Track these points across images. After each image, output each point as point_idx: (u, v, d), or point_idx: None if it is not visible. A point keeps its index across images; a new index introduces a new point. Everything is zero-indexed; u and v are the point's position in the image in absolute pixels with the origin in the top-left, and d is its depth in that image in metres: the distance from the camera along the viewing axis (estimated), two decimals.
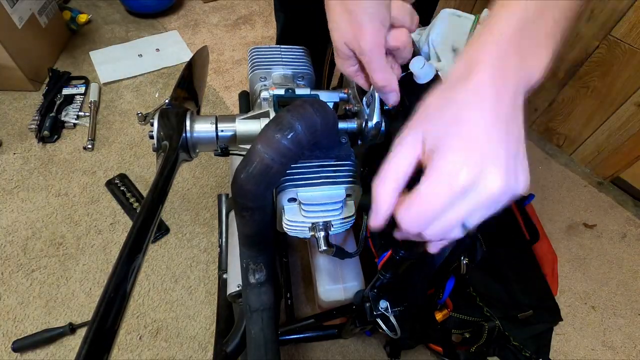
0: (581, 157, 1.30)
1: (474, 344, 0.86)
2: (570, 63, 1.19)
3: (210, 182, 1.18)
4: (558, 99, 1.27)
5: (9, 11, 1.20)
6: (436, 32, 0.49)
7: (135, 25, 1.67)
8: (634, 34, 1.02)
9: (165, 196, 0.34)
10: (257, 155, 0.29)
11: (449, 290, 0.68)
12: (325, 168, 0.39)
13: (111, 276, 0.27)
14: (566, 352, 0.95)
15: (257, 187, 0.31)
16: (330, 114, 0.33)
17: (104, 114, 1.33)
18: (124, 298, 0.26)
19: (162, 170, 0.35)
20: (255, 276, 0.44)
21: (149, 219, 0.30)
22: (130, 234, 0.29)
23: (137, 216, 0.30)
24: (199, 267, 1.01)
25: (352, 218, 0.41)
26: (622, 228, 1.16)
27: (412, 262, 0.47)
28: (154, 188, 0.33)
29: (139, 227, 0.29)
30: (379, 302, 0.56)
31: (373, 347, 0.91)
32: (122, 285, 0.26)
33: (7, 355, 0.85)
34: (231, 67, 1.54)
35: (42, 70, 1.38)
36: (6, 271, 0.97)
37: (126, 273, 0.27)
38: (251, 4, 1.83)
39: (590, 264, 1.09)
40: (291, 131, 0.28)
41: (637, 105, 1.09)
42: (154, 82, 1.45)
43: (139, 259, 0.28)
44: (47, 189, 1.13)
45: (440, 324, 0.87)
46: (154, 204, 0.32)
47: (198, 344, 0.90)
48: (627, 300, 1.03)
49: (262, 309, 0.44)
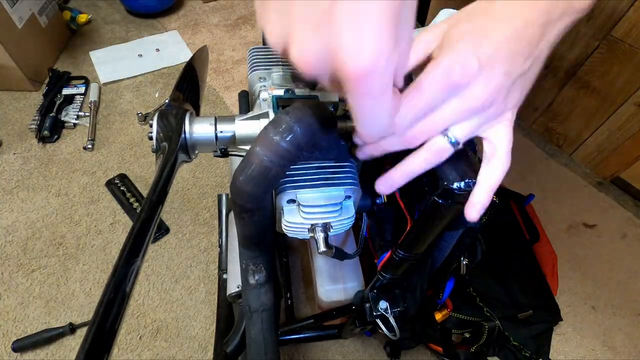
0: (581, 157, 1.30)
1: (474, 344, 0.86)
2: (570, 63, 1.18)
3: (210, 182, 1.19)
4: (558, 99, 1.27)
5: (9, 11, 1.21)
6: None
7: (135, 25, 1.67)
8: (634, 34, 1.02)
9: (164, 197, 0.34)
10: (255, 158, 0.29)
11: (448, 291, 0.68)
12: (324, 169, 0.39)
13: (111, 277, 0.27)
14: (566, 352, 0.95)
15: (256, 189, 0.31)
16: (330, 116, 0.33)
17: (104, 114, 1.33)
18: (124, 299, 0.26)
19: (161, 171, 0.35)
20: (255, 277, 0.44)
21: (148, 221, 0.30)
22: (129, 236, 0.29)
23: (137, 218, 0.30)
24: (199, 267, 1.01)
25: (352, 219, 0.41)
26: (622, 228, 1.16)
27: (411, 263, 0.47)
28: (153, 190, 0.33)
29: (139, 229, 0.29)
30: (378, 303, 0.56)
31: (373, 347, 0.91)
32: (122, 285, 0.26)
33: (7, 355, 0.85)
34: (231, 67, 1.54)
35: (42, 70, 1.39)
36: (6, 271, 0.97)
37: (126, 274, 0.27)
38: (251, 4, 1.83)
39: (590, 264, 1.09)
40: (290, 133, 0.28)
41: (637, 105, 1.09)
42: (154, 82, 1.45)
43: (139, 260, 0.28)
44: (47, 189, 1.13)
45: (440, 324, 0.87)
46: (154, 206, 0.32)
47: (198, 344, 0.90)
48: (627, 300, 1.03)
49: (261, 310, 0.44)
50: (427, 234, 0.41)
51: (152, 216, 0.31)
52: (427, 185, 0.36)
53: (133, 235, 0.29)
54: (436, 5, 1.51)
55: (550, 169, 1.30)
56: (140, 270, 0.29)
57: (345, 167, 0.39)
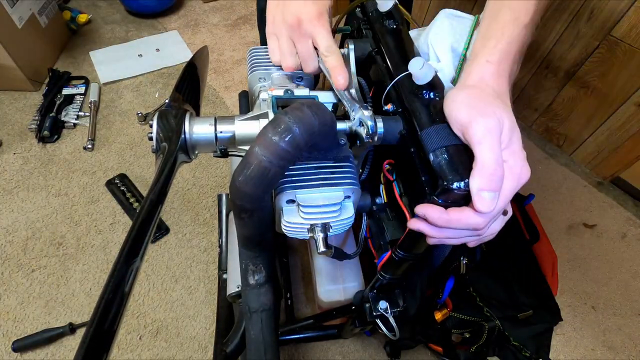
0: (581, 157, 1.30)
1: (474, 344, 0.86)
2: (570, 63, 1.18)
3: (210, 182, 1.19)
4: (558, 99, 1.27)
5: (9, 11, 1.21)
6: (435, 32, 0.49)
7: (135, 25, 1.67)
8: (634, 34, 1.02)
9: (164, 197, 0.34)
10: (254, 158, 0.29)
11: (448, 290, 0.68)
12: (324, 169, 0.39)
13: (110, 277, 0.27)
14: (566, 352, 0.95)
15: (255, 189, 0.31)
16: (328, 116, 0.33)
17: (104, 114, 1.33)
18: (123, 299, 0.26)
19: (161, 171, 0.35)
20: (255, 277, 0.44)
21: (147, 221, 0.30)
22: (128, 236, 0.29)
23: (136, 218, 0.30)
24: (199, 267, 1.01)
25: (351, 219, 0.41)
26: (622, 228, 1.16)
27: (411, 263, 0.47)
28: (152, 190, 0.33)
29: (138, 229, 0.29)
30: (378, 303, 0.56)
31: (373, 347, 0.91)
32: (121, 286, 0.26)
33: (7, 355, 0.85)
34: (231, 67, 1.54)
35: (42, 70, 1.39)
36: (6, 271, 0.97)
37: (125, 274, 0.27)
38: (251, 4, 1.83)
39: (590, 264, 1.09)
40: (289, 134, 0.28)
41: (637, 105, 1.08)
42: (154, 82, 1.45)
43: (138, 260, 0.28)
44: (47, 189, 1.13)
45: (440, 323, 0.87)
46: (153, 207, 0.32)
47: (198, 344, 0.90)
48: (627, 300, 1.03)
49: (261, 310, 0.44)
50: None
51: (152, 216, 0.31)
52: (427, 184, 0.36)
53: (132, 236, 0.29)
54: (436, 5, 1.51)
55: (550, 169, 1.30)
56: (139, 270, 0.29)
57: (345, 167, 0.39)
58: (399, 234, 0.46)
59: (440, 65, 0.47)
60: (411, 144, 0.38)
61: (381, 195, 0.49)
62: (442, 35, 0.48)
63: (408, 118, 0.39)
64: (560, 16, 1.14)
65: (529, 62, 1.29)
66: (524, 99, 1.37)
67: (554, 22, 1.17)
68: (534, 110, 1.36)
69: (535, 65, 1.28)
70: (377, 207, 0.49)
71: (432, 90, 0.40)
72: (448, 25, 0.48)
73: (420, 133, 0.36)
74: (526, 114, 1.39)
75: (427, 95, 0.40)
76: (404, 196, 0.44)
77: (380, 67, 0.47)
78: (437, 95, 0.40)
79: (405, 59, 0.41)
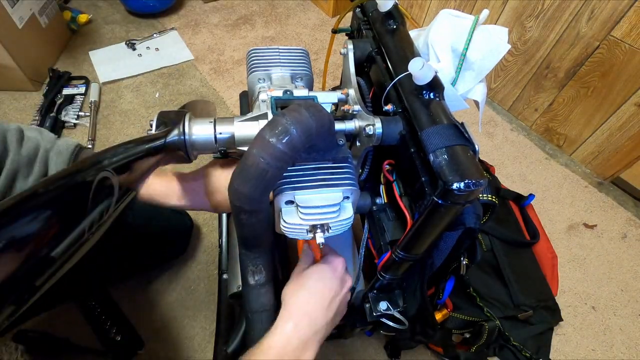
0: (581, 157, 1.30)
1: (474, 344, 0.86)
2: (570, 63, 1.18)
3: None
4: (558, 99, 1.27)
5: (9, 11, 1.21)
6: (435, 32, 0.49)
7: (135, 25, 1.67)
8: (634, 34, 1.02)
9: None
10: (252, 160, 0.29)
11: (448, 291, 0.68)
12: (322, 170, 0.38)
13: None
14: (566, 352, 0.95)
15: (253, 190, 0.31)
16: (326, 117, 0.33)
17: (104, 114, 1.33)
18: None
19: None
20: (255, 278, 0.44)
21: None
22: None
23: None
24: (199, 267, 1.01)
25: (351, 220, 0.41)
26: (622, 228, 1.16)
27: (411, 263, 0.47)
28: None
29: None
30: (378, 303, 0.56)
31: (373, 347, 0.91)
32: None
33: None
34: (231, 67, 1.54)
35: (42, 70, 1.39)
36: None
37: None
38: (251, 4, 1.83)
39: (590, 264, 1.09)
40: (286, 135, 0.28)
41: (637, 106, 1.08)
42: (154, 82, 1.45)
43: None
44: None
45: (440, 324, 0.87)
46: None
47: (198, 344, 0.90)
48: (627, 300, 1.03)
49: (262, 310, 0.44)
50: (427, 234, 0.41)
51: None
52: (427, 185, 0.36)
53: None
54: (436, 5, 1.51)
55: (550, 169, 1.30)
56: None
57: (344, 168, 0.39)
58: (399, 234, 0.46)
59: (440, 65, 0.47)
60: (411, 145, 0.38)
61: (381, 195, 0.49)
62: (442, 35, 0.48)
63: (408, 118, 0.39)
64: (561, 16, 1.14)
65: (529, 62, 1.29)
66: (524, 99, 1.37)
67: (554, 22, 1.16)
68: (534, 110, 1.36)
69: (535, 65, 1.28)
70: (377, 207, 0.49)
71: (432, 91, 0.40)
72: (448, 25, 0.48)
73: (420, 133, 0.36)
74: (526, 114, 1.39)
75: (427, 96, 0.40)
76: (404, 196, 0.44)
77: (380, 67, 0.47)
78: (437, 95, 0.40)
79: (405, 59, 0.41)
